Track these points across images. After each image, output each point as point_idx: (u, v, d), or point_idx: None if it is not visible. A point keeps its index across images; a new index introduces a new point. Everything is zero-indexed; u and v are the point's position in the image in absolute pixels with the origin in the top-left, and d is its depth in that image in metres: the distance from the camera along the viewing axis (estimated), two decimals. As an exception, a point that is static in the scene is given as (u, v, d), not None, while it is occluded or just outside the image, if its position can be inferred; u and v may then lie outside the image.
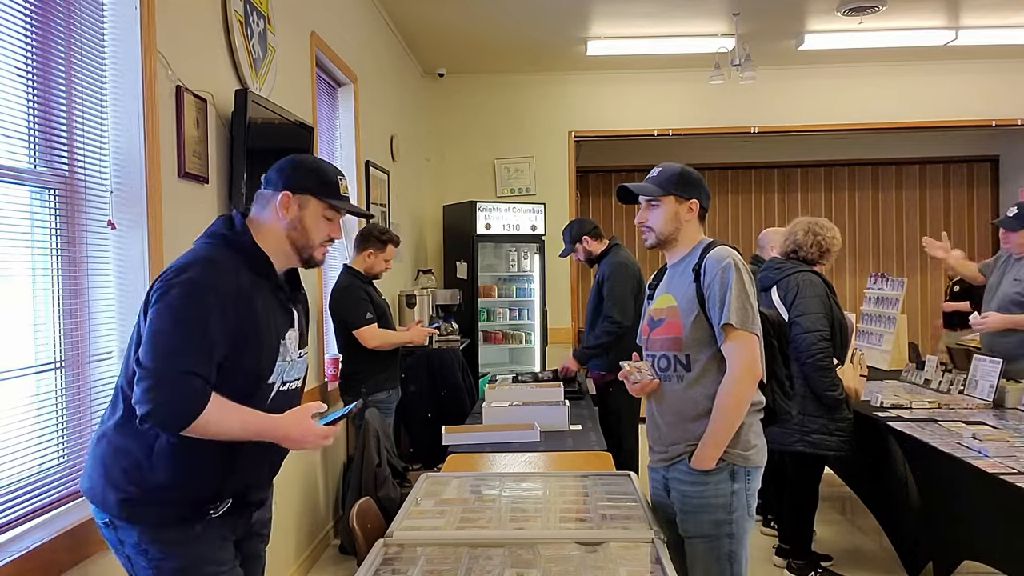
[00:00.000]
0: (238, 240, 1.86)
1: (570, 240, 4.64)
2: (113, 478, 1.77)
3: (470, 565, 1.85)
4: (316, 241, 1.92)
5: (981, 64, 7.17)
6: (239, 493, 1.88)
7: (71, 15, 2.23)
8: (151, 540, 1.78)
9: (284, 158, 1.98)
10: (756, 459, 2.31)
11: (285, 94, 3.64)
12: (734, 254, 2.32)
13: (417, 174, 6.99)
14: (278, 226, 1.89)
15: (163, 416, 1.68)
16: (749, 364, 2.24)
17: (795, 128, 7.41)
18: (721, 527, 2.27)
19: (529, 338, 7.03)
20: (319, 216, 1.91)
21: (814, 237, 3.66)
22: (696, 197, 2.39)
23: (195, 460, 1.76)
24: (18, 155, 2.03)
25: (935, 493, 3.24)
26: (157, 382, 1.67)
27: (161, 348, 1.69)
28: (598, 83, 7.35)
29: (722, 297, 2.23)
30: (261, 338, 1.82)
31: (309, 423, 1.85)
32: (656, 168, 2.45)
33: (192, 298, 1.72)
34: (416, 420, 5.08)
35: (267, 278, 1.88)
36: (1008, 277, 4.15)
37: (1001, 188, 8.97)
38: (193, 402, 1.68)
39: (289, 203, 1.89)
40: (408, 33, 6.25)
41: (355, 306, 4.04)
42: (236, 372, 1.78)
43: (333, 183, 1.94)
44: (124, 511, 1.77)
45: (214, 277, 1.76)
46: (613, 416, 4.44)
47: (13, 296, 2.04)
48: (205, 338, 1.71)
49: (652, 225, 2.40)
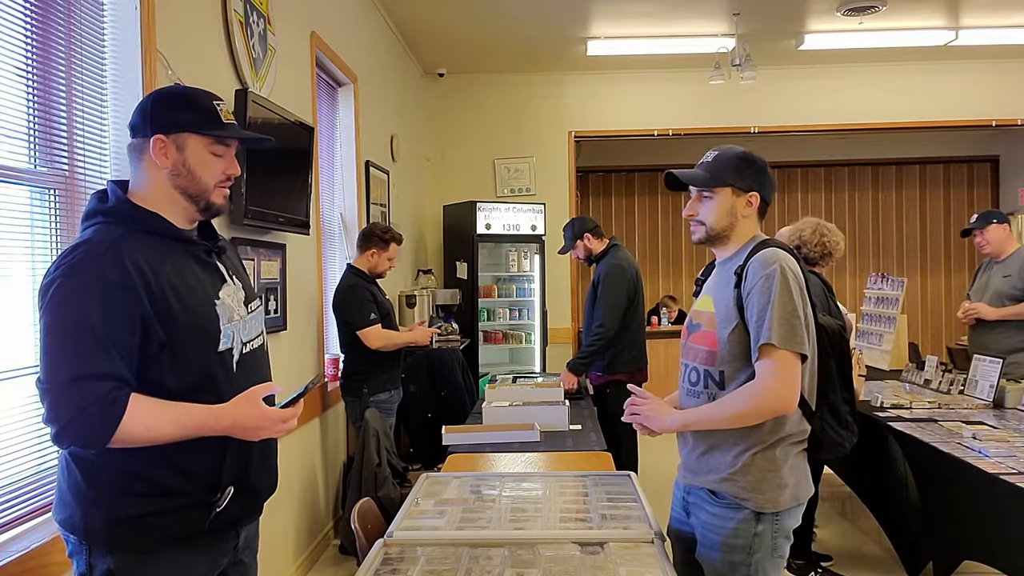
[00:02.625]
0: (116, 209, 1.59)
1: (571, 237, 4.64)
2: (92, 500, 1.55)
3: (470, 565, 1.84)
4: (209, 183, 1.64)
5: (981, 64, 7.18)
6: (240, 479, 1.66)
7: (71, 15, 2.23)
8: (124, 568, 1.56)
9: (145, 96, 1.72)
10: (787, 500, 1.98)
11: (285, 94, 3.64)
12: (784, 258, 1.97)
13: (417, 174, 7.00)
14: (160, 177, 1.62)
15: (75, 434, 1.46)
16: (779, 389, 1.89)
17: (795, 128, 7.42)
18: (736, 569, 1.98)
19: (529, 338, 7.03)
20: (205, 153, 1.63)
21: (820, 238, 3.67)
22: (758, 189, 2.05)
23: (185, 452, 1.56)
24: (18, 155, 2.03)
25: (935, 493, 3.24)
26: (55, 398, 1.45)
27: (53, 357, 1.47)
28: (598, 83, 7.35)
29: (762, 310, 1.91)
30: (187, 304, 1.58)
31: (260, 408, 1.60)
32: (712, 151, 2.11)
33: (70, 294, 1.47)
34: (416, 420, 5.08)
35: (171, 237, 1.62)
36: (996, 275, 4.36)
37: (1001, 188, 8.98)
38: (104, 410, 1.45)
39: (165, 147, 1.60)
40: (408, 33, 6.25)
41: (359, 307, 4.04)
42: (180, 352, 1.56)
43: (210, 110, 1.65)
44: (108, 532, 1.55)
45: (91, 263, 1.49)
46: (612, 417, 4.43)
47: (13, 296, 2.04)
48: (98, 332, 1.46)
49: (703, 219, 2.07)
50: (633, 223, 9.07)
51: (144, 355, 1.53)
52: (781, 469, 1.97)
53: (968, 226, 4.52)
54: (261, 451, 1.71)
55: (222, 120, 1.65)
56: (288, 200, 3.53)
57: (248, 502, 1.72)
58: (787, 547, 2.02)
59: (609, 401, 4.46)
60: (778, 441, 1.98)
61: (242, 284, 1.78)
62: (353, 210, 4.94)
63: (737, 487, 1.98)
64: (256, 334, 1.76)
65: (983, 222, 4.43)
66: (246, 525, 1.77)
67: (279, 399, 1.71)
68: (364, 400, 4.05)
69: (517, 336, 7.05)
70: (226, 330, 1.65)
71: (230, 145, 1.68)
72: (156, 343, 1.53)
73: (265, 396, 1.64)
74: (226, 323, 1.65)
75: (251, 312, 1.76)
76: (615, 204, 8.95)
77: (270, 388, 1.66)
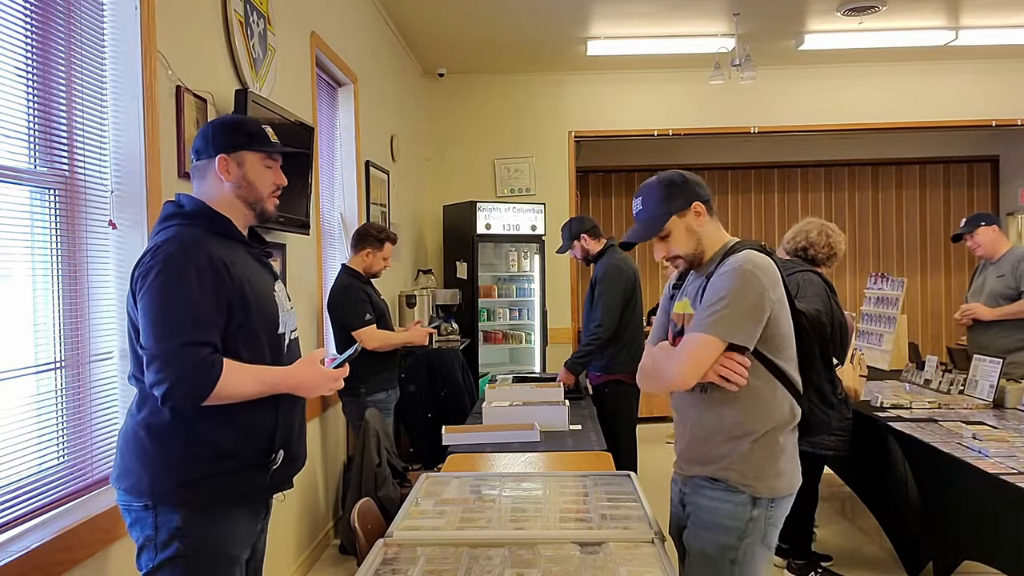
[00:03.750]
0: (194, 212, 1.91)
1: (568, 237, 4.64)
2: (162, 464, 1.79)
3: (470, 565, 1.85)
4: (265, 192, 1.98)
5: (981, 64, 7.18)
6: (287, 446, 1.92)
7: (71, 15, 2.23)
8: (191, 523, 1.79)
9: (203, 126, 2.01)
10: (784, 487, 2.05)
11: (285, 94, 3.64)
12: (751, 258, 2.01)
13: (417, 174, 6.99)
14: (224, 190, 1.93)
15: (183, 391, 1.73)
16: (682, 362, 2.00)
17: (795, 128, 7.42)
18: (725, 552, 2.02)
19: (529, 338, 7.03)
20: (260, 167, 1.96)
21: (826, 239, 3.67)
22: (694, 199, 2.12)
23: (243, 416, 1.82)
24: (18, 155, 2.03)
25: (935, 493, 3.24)
26: (166, 361, 1.72)
27: (159, 328, 1.74)
28: (598, 83, 7.35)
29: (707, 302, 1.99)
30: (257, 292, 1.88)
31: (320, 368, 1.94)
32: (637, 200, 2.19)
33: (173, 274, 1.76)
34: (416, 420, 5.08)
35: (236, 239, 1.94)
36: (991, 276, 4.40)
37: (1001, 188, 8.97)
38: (206, 370, 1.73)
39: (228, 164, 1.92)
40: (408, 33, 6.25)
41: (354, 307, 4.03)
42: (253, 332, 1.86)
43: (260, 132, 1.98)
44: (177, 493, 1.79)
45: (185, 252, 1.79)
46: (611, 417, 4.43)
47: (13, 296, 2.04)
48: (197, 308, 1.76)
49: (676, 252, 2.13)
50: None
51: (227, 331, 1.82)
52: (779, 457, 2.04)
53: (958, 231, 4.56)
54: (300, 423, 2.01)
55: (270, 139, 1.98)
56: (288, 200, 3.51)
57: (290, 469, 1.97)
58: (775, 537, 2.08)
59: (608, 401, 4.46)
60: (775, 428, 2.05)
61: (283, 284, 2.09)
62: (353, 210, 4.94)
63: (736, 474, 2.03)
64: (295, 327, 2.09)
65: (972, 225, 4.46)
66: (283, 490, 2.02)
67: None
68: (362, 400, 4.05)
69: (517, 336, 7.05)
70: (283, 317, 1.98)
71: (277, 159, 2.01)
72: (236, 322, 1.84)
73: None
74: (282, 312, 1.98)
75: (292, 309, 2.10)
76: (615, 204, 8.95)
77: (323, 354, 2.00)
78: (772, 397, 2.05)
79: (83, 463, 2.22)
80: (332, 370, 1.97)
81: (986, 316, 4.31)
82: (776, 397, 2.05)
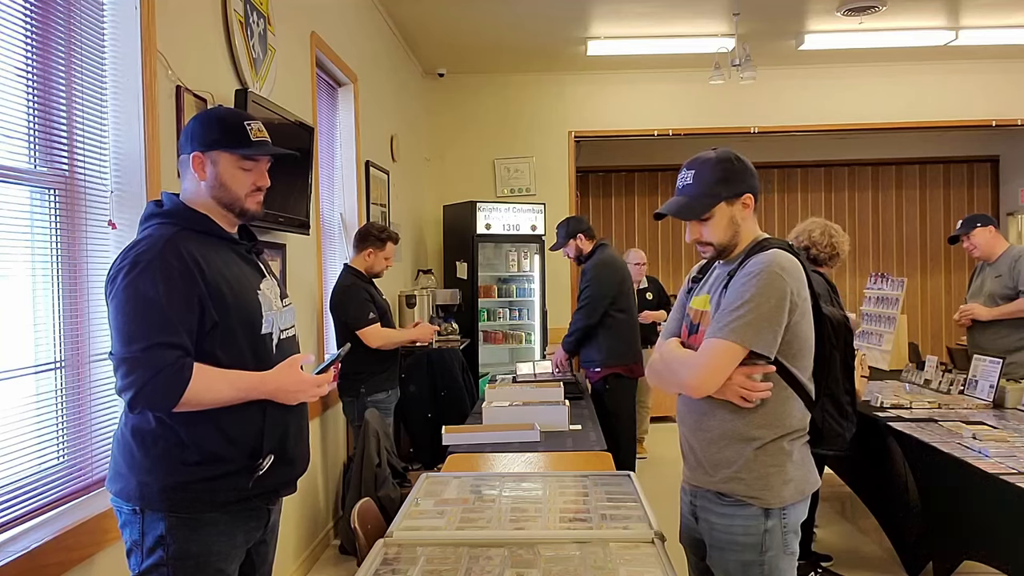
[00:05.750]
0: (171, 211, 1.84)
1: (565, 235, 4.67)
2: (148, 468, 1.74)
3: (470, 565, 1.84)
4: (240, 194, 1.87)
5: (981, 64, 7.18)
6: (279, 448, 1.85)
7: (71, 15, 2.23)
8: (176, 530, 1.74)
9: (190, 118, 1.92)
10: (794, 494, 1.97)
11: (285, 94, 3.64)
12: (779, 260, 1.92)
13: (417, 174, 6.99)
14: (200, 188, 1.85)
15: (149, 396, 1.68)
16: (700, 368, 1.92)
17: (795, 128, 7.42)
18: (749, 570, 1.96)
19: (529, 338, 7.03)
20: (234, 168, 1.85)
21: (829, 239, 3.65)
22: (748, 190, 2.00)
23: (229, 419, 1.76)
24: (18, 155, 2.03)
25: (935, 493, 3.23)
26: (131, 365, 1.66)
27: (124, 331, 1.69)
28: (598, 83, 7.35)
29: (729, 306, 1.90)
30: (234, 290, 1.80)
31: (299, 374, 1.84)
32: (686, 170, 2.03)
33: (139, 276, 1.70)
34: (416, 420, 5.08)
35: (216, 236, 1.86)
36: (989, 276, 4.41)
37: (1001, 188, 8.98)
38: (174, 375, 1.67)
39: (203, 163, 1.84)
40: (408, 33, 6.25)
41: (357, 306, 4.04)
42: (230, 332, 1.78)
43: (239, 129, 1.86)
44: (162, 499, 1.74)
45: (156, 252, 1.73)
46: (611, 416, 4.44)
47: (13, 296, 2.04)
48: (165, 311, 1.69)
49: (709, 240, 2.02)
50: (633, 223, 9.06)
51: (200, 332, 1.75)
52: (785, 464, 1.96)
53: (954, 233, 4.56)
54: (296, 424, 1.93)
55: (251, 138, 1.86)
56: (288, 200, 3.52)
57: (286, 472, 1.90)
58: (796, 543, 2.00)
59: (607, 399, 4.47)
60: (781, 436, 1.97)
61: (275, 281, 2.00)
62: (353, 210, 4.94)
63: (743, 485, 1.96)
64: (290, 325, 1.99)
65: (967, 227, 4.46)
66: (283, 496, 1.96)
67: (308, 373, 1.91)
68: (362, 400, 4.05)
69: (517, 336, 7.05)
70: (267, 316, 1.87)
71: (258, 160, 1.89)
72: (210, 321, 1.75)
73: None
74: (267, 311, 1.88)
75: (285, 306, 2.00)
76: (615, 204, 8.95)
77: (305, 357, 1.90)
78: (782, 406, 1.97)
79: (82, 463, 2.22)
80: (313, 376, 1.88)
81: (984, 316, 4.31)
82: (786, 405, 1.97)
